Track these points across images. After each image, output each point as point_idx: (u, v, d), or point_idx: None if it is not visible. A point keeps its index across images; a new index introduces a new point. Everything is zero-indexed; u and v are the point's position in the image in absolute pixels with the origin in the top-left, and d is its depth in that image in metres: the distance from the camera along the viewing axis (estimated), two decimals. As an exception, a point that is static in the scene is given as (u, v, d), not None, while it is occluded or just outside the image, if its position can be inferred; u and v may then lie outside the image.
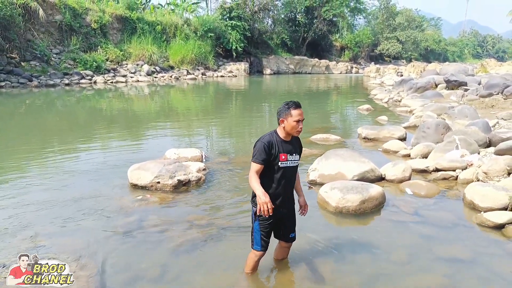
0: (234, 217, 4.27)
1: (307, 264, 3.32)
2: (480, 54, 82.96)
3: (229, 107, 15.29)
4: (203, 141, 8.64)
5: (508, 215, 4.03)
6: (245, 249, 3.54)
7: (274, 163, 2.72)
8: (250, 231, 2.99)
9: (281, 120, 2.73)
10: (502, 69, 24.32)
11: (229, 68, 33.54)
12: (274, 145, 2.71)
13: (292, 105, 2.70)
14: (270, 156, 2.69)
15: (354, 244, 3.71)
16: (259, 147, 2.69)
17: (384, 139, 7.88)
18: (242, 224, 4.05)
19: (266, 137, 2.74)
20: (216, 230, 3.94)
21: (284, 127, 2.72)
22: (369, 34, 50.04)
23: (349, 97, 20.32)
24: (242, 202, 4.69)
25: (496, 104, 11.05)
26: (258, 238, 2.86)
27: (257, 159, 2.68)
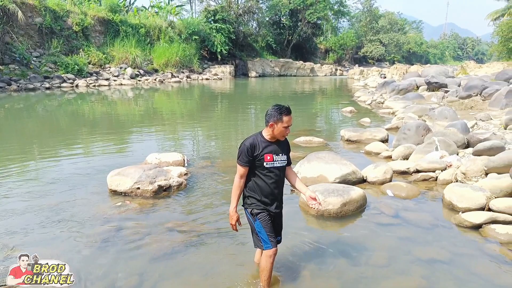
0: (215, 222, 4.22)
1: (287, 268, 3.31)
2: (460, 56, 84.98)
3: (214, 110, 15.22)
4: (187, 145, 8.56)
5: (485, 215, 4.10)
6: (226, 254, 3.52)
7: (260, 164, 2.75)
8: (230, 235, 2.96)
9: (270, 124, 2.72)
10: (481, 71, 24.94)
11: (214, 70, 33.45)
12: (257, 147, 2.74)
13: (285, 111, 2.72)
14: (253, 157, 2.73)
15: (335, 247, 3.71)
16: (242, 149, 2.74)
17: (366, 141, 7.95)
18: (224, 229, 4.01)
19: (249, 139, 2.77)
20: (197, 236, 3.89)
21: (273, 131, 2.73)
22: (353, 37, 50.69)
23: (333, 99, 20.50)
24: (224, 207, 4.64)
25: (475, 105, 11.30)
26: (265, 236, 2.82)
27: (240, 161, 2.75)
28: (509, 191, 4.59)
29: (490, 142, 5.73)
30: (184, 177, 5.50)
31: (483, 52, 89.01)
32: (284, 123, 2.70)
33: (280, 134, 2.75)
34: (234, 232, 3.89)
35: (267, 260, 2.84)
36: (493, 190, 4.60)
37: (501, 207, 4.22)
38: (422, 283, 3.12)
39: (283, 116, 2.70)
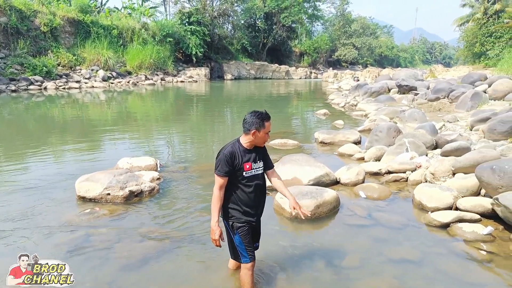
0: (189, 228, 4.15)
1: (262, 271, 3.28)
2: (429, 60, 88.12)
3: (189, 113, 15.04)
4: (160, 149, 8.39)
5: (453, 214, 4.23)
6: (200, 261, 3.46)
7: (239, 174, 2.66)
8: (203, 241, 2.90)
9: (253, 132, 2.63)
10: (448, 74, 25.94)
11: (189, 73, 33.16)
12: (237, 155, 2.64)
13: (266, 118, 2.66)
14: (233, 167, 2.62)
15: (309, 250, 3.72)
16: (221, 158, 2.62)
17: (340, 143, 8.07)
18: (198, 235, 3.95)
19: (228, 148, 2.67)
20: (170, 242, 3.81)
21: (255, 138, 2.65)
22: (327, 40, 51.58)
23: (308, 102, 20.74)
24: (198, 212, 4.58)
25: (443, 108, 11.70)
26: (243, 250, 2.77)
27: (219, 171, 2.62)
28: (474, 190, 4.77)
29: (456, 143, 5.94)
30: (156, 181, 5.38)
31: (450, 56, 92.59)
32: (266, 129, 2.66)
33: (261, 141, 2.70)
34: (207, 238, 3.87)
35: (246, 273, 2.81)
36: (460, 189, 4.76)
37: (468, 206, 4.37)
38: (394, 283, 3.17)
39: (265, 122, 2.65)
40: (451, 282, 3.23)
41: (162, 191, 5.24)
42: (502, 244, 3.82)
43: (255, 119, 2.63)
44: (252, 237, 2.86)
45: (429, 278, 3.25)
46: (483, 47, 31.11)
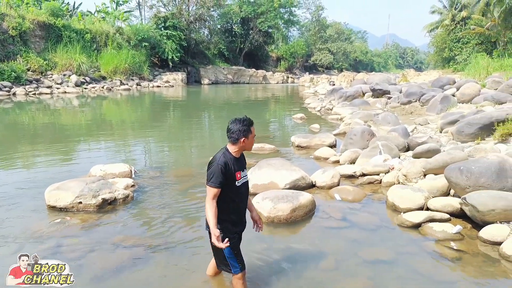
0: (163, 236, 4.08)
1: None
2: (402, 65, 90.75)
3: (166, 119, 14.85)
4: (136, 156, 8.23)
5: (424, 214, 4.35)
6: (176, 269, 3.40)
7: (232, 184, 2.62)
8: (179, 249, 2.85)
9: (243, 140, 2.62)
10: (419, 78, 26.82)
11: (165, 78, 32.80)
12: (230, 166, 2.60)
13: (251, 123, 2.68)
14: (227, 178, 2.57)
15: (285, 253, 3.74)
16: (215, 169, 2.55)
17: (316, 146, 8.16)
18: (173, 243, 3.89)
19: (220, 158, 2.60)
20: (144, 251, 3.73)
21: (244, 145, 2.66)
22: (303, 45, 52.27)
23: (285, 106, 20.92)
24: (174, 219, 4.51)
25: (415, 111, 12.06)
26: (234, 261, 2.74)
27: (213, 182, 2.54)
28: (444, 190, 4.93)
29: (427, 145, 6.13)
30: (131, 189, 5.27)
31: (421, 61, 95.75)
32: (253, 134, 2.69)
33: (250, 146, 2.73)
34: (183, 245, 3.84)
35: (238, 282, 2.79)
36: (430, 190, 4.91)
37: (438, 206, 4.51)
38: (368, 284, 3.22)
39: (251, 128, 2.67)
40: (423, 281, 3.31)
41: (137, 198, 5.14)
42: (470, 242, 3.95)
43: (242, 127, 2.62)
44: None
45: (402, 278, 3.33)
46: (452, 52, 32.37)
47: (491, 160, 4.39)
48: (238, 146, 2.65)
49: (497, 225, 3.91)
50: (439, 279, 3.35)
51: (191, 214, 4.69)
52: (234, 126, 2.63)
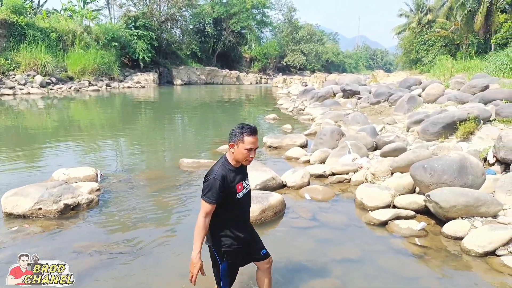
0: (129, 241, 3.94)
1: (207, 281, 3.20)
2: (372, 66, 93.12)
3: (136, 120, 14.50)
4: (103, 159, 7.95)
5: (390, 212, 4.43)
6: (142, 276, 3.29)
7: (232, 197, 2.37)
8: (145, 254, 2.75)
9: (230, 144, 2.34)
10: (388, 79, 27.59)
11: (136, 78, 32.11)
12: (228, 178, 2.33)
13: (247, 130, 2.30)
14: (225, 193, 2.31)
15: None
16: (211, 184, 2.28)
17: (287, 146, 8.19)
18: (139, 248, 3.77)
19: (218, 170, 2.33)
20: (108, 257, 3.59)
21: (233, 153, 2.34)
22: (276, 46, 52.63)
23: (258, 107, 20.96)
24: (140, 223, 4.38)
25: (384, 111, 12.37)
26: (225, 281, 2.50)
27: (208, 198, 2.28)
28: (410, 188, 5.05)
29: (394, 144, 6.27)
30: (96, 193, 5.09)
31: (390, 62, 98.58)
32: (246, 145, 2.29)
33: (242, 158, 2.34)
34: (150, 251, 3.72)
35: None
36: (397, 188, 5.02)
37: (404, 204, 4.61)
38: (336, 283, 3.24)
39: (245, 136, 2.29)
40: (389, 278, 3.36)
41: (102, 202, 4.96)
42: (433, 238, 4.07)
43: (235, 131, 2.33)
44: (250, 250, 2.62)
45: (369, 276, 3.37)
46: (419, 54, 33.51)
47: (453, 158, 4.54)
48: (230, 152, 2.37)
49: (459, 221, 4.04)
50: (404, 275, 3.42)
51: (160, 218, 4.58)
52: (232, 129, 2.37)
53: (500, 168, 5.39)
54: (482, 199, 4.04)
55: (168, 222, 4.47)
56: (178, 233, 4.18)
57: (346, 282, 3.26)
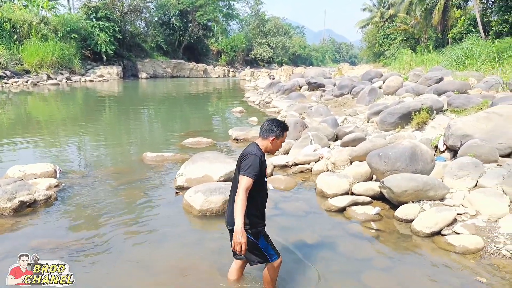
0: (90, 237, 3.88)
1: (172, 270, 3.24)
2: (338, 59, 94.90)
3: (99, 115, 14.05)
4: (63, 154, 7.69)
5: (348, 199, 4.64)
6: (104, 273, 3.26)
7: (261, 179, 2.63)
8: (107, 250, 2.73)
9: (272, 138, 2.66)
10: (353, 72, 28.28)
11: (99, 72, 31.04)
12: (264, 160, 2.64)
13: (286, 128, 2.74)
14: (261, 171, 2.57)
15: (218, 245, 3.76)
16: (253, 161, 2.51)
17: (253, 139, 8.28)
18: (100, 244, 3.73)
19: (258, 151, 2.59)
20: (67, 254, 3.53)
21: (272, 145, 2.68)
22: (243, 39, 52.47)
23: (225, 100, 20.92)
24: (100, 219, 4.32)
25: (347, 103, 12.72)
26: (271, 250, 2.74)
27: (250, 173, 2.47)
28: (367, 176, 5.30)
29: (353, 134, 6.52)
30: (54, 189, 4.95)
31: (355, 55, 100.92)
32: (283, 139, 2.74)
33: (276, 149, 2.75)
34: (111, 246, 3.69)
35: (275, 270, 2.80)
36: (355, 176, 5.25)
37: (361, 190, 4.84)
38: (294, 268, 3.36)
39: (285, 132, 2.73)
40: (345, 260, 3.54)
41: (61, 199, 4.83)
42: (387, 221, 4.31)
43: (276, 128, 2.68)
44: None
45: (326, 259, 3.52)
46: (381, 47, 34.62)
47: (405, 146, 4.81)
48: (266, 143, 2.68)
49: (410, 205, 4.29)
50: (359, 257, 3.61)
51: (122, 213, 4.53)
52: (268, 124, 2.71)
53: (450, 155, 5.75)
54: (431, 183, 4.31)
55: (130, 217, 4.43)
56: (140, 227, 4.16)
57: (305, 265, 3.39)
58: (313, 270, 3.31)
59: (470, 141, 5.27)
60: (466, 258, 3.49)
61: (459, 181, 4.64)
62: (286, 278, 3.12)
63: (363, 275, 3.26)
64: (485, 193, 4.17)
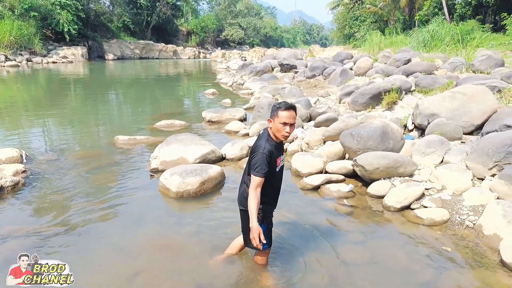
0: (62, 223, 3.78)
1: (147, 252, 3.23)
2: (309, 41, 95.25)
3: (65, 98, 13.46)
4: (29, 139, 7.35)
5: (322, 177, 4.76)
6: (76, 258, 3.20)
7: (273, 170, 2.62)
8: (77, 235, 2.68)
9: (269, 120, 2.59)
10: (324, 53, 28.47)
11: (62, 53, 29.62)
12: (274, 153, 2.57)
13: (281, 107, 2.52)
14: (271, 166, 2.55)
15: (195, 225, 3.79)
16: (260, 159, 2.50)
17: (226, 121, 8.26)
18: (74, 229, 3.65)
19: (266, 146, 2.54)
20: (39, 240, 3.44)
21: (271, 128, 2.58)
22: (214, 20, 51.43)
23: (197, 82, 20.57)
24: (72, 203, 4.21)
25: (319, 84, 12.86)
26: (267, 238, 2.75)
27: (259, 172, 2.49)
28: (340, 154, 5.43)
29: (326, 115, 6.63)
30: (22, 175, 4.76)
31: (326, 37, 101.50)
32: (281, 119, 2.49)
33: (278, 132, 2.54)
34: (86, 231, 3.62)
35: (263, 257, 2.95)
36: (328, 155, 5.37)
37: (334, 169, 4.97)
38: (275, 244, 3.44)
39: (279, 111, 2.51)
40: (319, 236, 3.65)
41: (29, 185, 4.66)
42: (360, 198, 4.47)
43: (273, 107, 2.58)
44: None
45: (301, 236, 3.63)
46: (352, 29, 34.97)
47: (376, 125, 4.95)
48: (270, 125, 2.60)
49: (381, 181, 4.46)
50: (333, 232, 3.74)
51: (93, 197, 4.43)
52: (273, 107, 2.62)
53: (418, 134, 5.99)
54: (400, 160, 4.49)
55: (101, 201, 4.34)
56: (116, 211, 4.10)
57: (282, 242, 3.48)
58: (289, 246, 3.40)
59: (437, 120, 5.50)
60: (433, 230, 3.70)
61: (426, 158, 4.86)
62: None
63: (338, 249, 3.38)
64: (450, 168, 4.39)
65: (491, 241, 3.36)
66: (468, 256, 3.24)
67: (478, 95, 5.52)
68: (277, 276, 3.02)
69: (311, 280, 2.98)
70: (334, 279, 2.99)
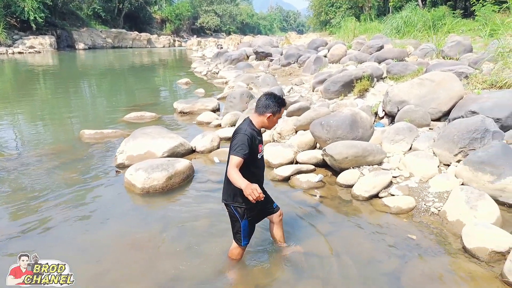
0: (26, 223, 3.61)
1: (112, 251, 3.11)
2: (286, 28, 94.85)
3: (32, 91, 12.85)
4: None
5: (292, 167, 4.72)
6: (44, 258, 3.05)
7: (254, 156, 2.61)
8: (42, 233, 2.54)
9: (268, 114, 2.59)
10: (300, 41, 28.35)
11: (29, 42, 28.35)
12: (255, 137, 2.60)
13: (284, 104, 2.67)
14: (251, 149, 2.53)
15: (161, 222, 3.68)
16: (241, 139, 2.49)
17: (199, 111, 8.09)
18: (38, 229, 3.49)
19: (247, 129, 2.57)
20: (1, 242, 3.26)
21: (268, 121, 2.63)
22: (188, 7, 50.33)
23: (171, 71, 20.12)
24: (34, 202, 4.02)
25: (293, 72, 12.78)
26: (246, 234, 2.82)
27: (238, 152, 2.45)
28: (311, 144, 5.40)
29: (298, 104, 6.57)
30: (-23, 175, 4.50)
31: (303, 24, 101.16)
32: (280, 115, 2.68)
33: (272, 125, 2.71)
34: (51, 231, 3.45)
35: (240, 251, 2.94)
36: (300, 145, 5.33)
37: (305, 159, 4.93)
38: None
39: (282, 108, 2.66)
40: (288, 228, 3.61)
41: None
42: (330, 187, 4.46)
43: (273, 104, 2.60)
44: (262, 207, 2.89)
45: (269, 229, 3.57)
46: (327, 16, 34.85)
47: (345, 114, 4.93)
48: (262, 119, 2.63)
49: (350, 170, 4.46)
50: (302, 224, 3.71)
51: (59, 196, 4.24)
52: (265, 99, 2.62)
53: (388, 121, 6.02)
54: (369, 149, 4.49)
55: (69, 199, 4.16)
56: (80, 210, 3.93)
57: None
58: (255, 239, 3.34)
59: (406, 107, 5.53)
60: (400, 218, 3.73)
61: (395, 146, 4.89)
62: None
63: (307, 241, 3.36)
64: (417, 155, 4.43)
65: (454, 227, 3.41)
66: (432, 243, 3.28)
67: (446, 81, 5.57)
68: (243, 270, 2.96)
69: (275, 274, 2.95)
70: (299, 273, 2.96)
